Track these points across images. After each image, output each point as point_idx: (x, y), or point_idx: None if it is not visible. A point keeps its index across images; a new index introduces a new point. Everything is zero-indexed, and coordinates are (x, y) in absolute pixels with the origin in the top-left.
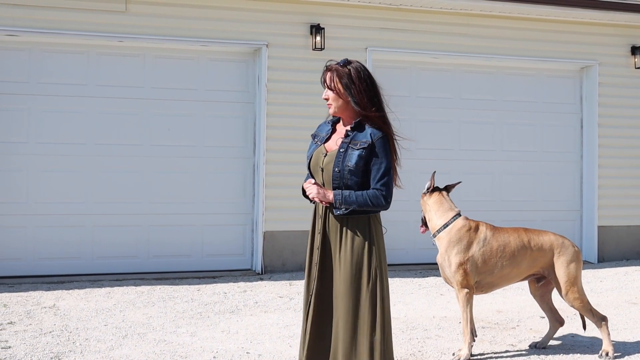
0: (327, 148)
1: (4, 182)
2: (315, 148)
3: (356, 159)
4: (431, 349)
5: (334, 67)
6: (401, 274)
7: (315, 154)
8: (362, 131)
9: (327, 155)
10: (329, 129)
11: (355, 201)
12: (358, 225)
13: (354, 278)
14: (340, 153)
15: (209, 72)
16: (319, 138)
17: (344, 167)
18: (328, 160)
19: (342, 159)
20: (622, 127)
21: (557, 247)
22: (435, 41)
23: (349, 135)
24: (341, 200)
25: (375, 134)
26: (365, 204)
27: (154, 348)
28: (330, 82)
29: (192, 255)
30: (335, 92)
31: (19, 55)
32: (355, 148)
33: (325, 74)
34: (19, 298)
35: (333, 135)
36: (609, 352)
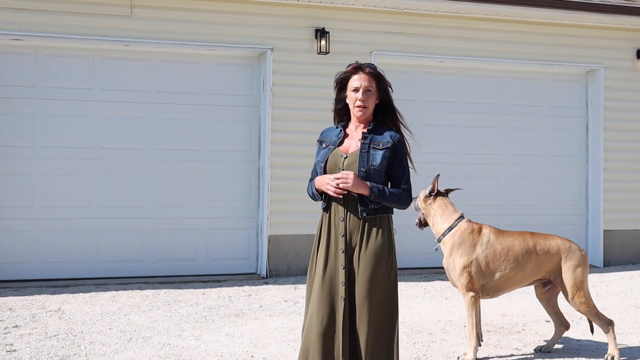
0: (344, 150)
1: (10, 186)
2: (329, 152)
3: (380, 158)
4: (436, 353)
5: (368, 70)
6: (406, 278)
7: (332, 156)
8: (379, 133)
9: (347, 157)
10: (339, 132)
11: (388, 196)
12: (379, 226)
13: (376, 279)
14: (364, 153)
15: (214, 76)
16: (330, 142)
17: (370, 166)
18: (350, 161)
19: (367, 159)
20: (628, 130)
21: (564, 252)
22: (440, 45)
23: (367, 137)
24: (377, 193)
25: (394, 135)
26: (396, 201)
27: (159, 351)
28: (370, 84)
29: (197, 259)
30: (373, 95)
31: (24, 60)
32: (378, 148)
33: (352, 77)
34: (24, 302)
35: (346, 139)
36: (614, 356)
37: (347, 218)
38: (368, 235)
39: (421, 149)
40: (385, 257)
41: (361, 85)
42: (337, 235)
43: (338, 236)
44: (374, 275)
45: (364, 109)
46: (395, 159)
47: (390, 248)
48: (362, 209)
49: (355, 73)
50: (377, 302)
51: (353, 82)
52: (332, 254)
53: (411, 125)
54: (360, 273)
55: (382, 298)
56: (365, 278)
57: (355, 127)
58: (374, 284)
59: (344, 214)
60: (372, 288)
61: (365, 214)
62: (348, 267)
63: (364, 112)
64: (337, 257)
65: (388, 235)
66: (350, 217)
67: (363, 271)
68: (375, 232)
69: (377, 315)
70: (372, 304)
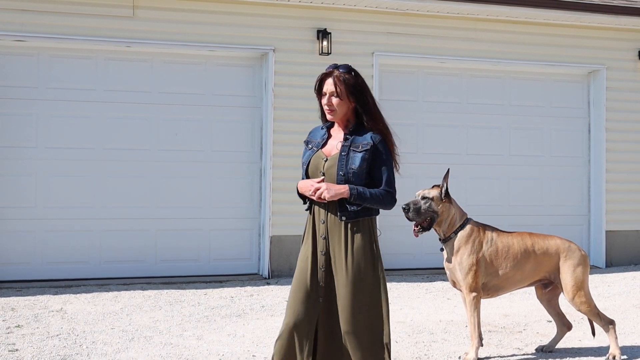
0: (326, 153)
1: (13, 186)
2: (312, 153)
3: (360, 161)
4: (437, 353)
5: (337, 73)
6: (408, 279)
7: (314, 159)
8: (361, 134)
9: (327, 159)
10: (324, 134)
11: (369, 198)
12: (360, 229)
13: (360, 282)
14: (343, 156)
15: (216, 77)
16: (314, 144)
17: (349, 169)
18: (330, 164)
19: (346, 162)
20: (630, 131)
21: (563, 251)
22: (442, 46)
23: (348, 139)
24: (356, 195)
25: (375, 136)
26: (378, 202)
27: (160, 351)
28: (337, 88)
29: (199, 260)
30: (341, 99)
31: (27, 61)
32: (357, 150)
33: (326, 80)
34: (26, 302)
35: (330, 140)
36: (616, 356)
37: (327, 220)
38: (348, 238)
39: (423, 150)
40: (368, 259)
41: (327, 90)
42: (318, 237)
43: (319, 238)
44: (355, 279)
45: (332, 112)
46: (376, 160)
47: (372, 250)
48: (342, 213)
49: (325, 78)
50: (361, 305)
51: (322, 87)
52: (314, 255)
53: (413, 127)
54: (341, 277)
55: (367, 301)
56: (346, 282)
57: (338, 128)
58: (356, 287)
59: (325, 216)
60: (354, 291)
61: (344, 217)
62: (328, 269)
63: (333, 115)
64: (318, 258)
65: (370, 238)
66: (330, 220)
67: (344, 275)
68: (357, 235)
69: (363, 319)
70: (356, 308)
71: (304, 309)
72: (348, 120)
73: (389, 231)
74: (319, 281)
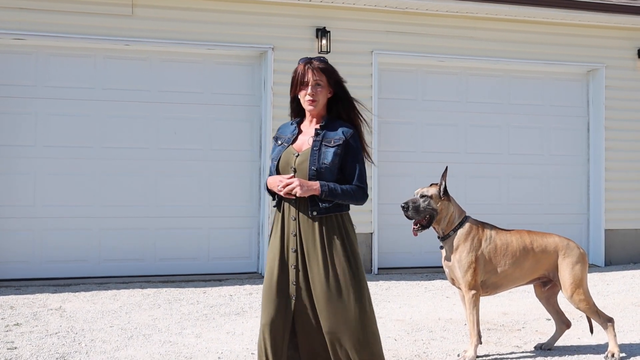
0: (297, 148)
1: (11, 185)
2: (283, 149)
3: (332, 156)
4: (436, 350)
5: (316, 64)
6: (407, 277)
7: (285, 154)
8: (332, 129)
9: (299, 155)
10: (294, 129)
11: (340, 194)
12: (333, 225)
13: (337, 280)
14: (315, 151)
15: (215, 75)
16: (284, 139)
17: (321, 165)
18: (302, 160)
19: (318, 157)
20: (629, 130)
21: (561, 249)
22: (442, 44)
23: (319, 134)
24: (327, 191)
25: (347, 131)
26: (350, 198)
27: (159, 349)
28: (319, 77)
29: (198, 258)
30: (324, 88)
31: (25, 59)
32: (329, 145)
33: (306, 71)
34: (25, 300)
35: (300, 136)
36: (614, 354)
37: (298, 217)
38: (321, 234)
39: (422, 149)
40: (343, 256)
41: (309, 79)
42: (289, 234)
43: (289, 235)
44: (332, 276)
45: (314, 102)
46: (348, 155)
47: (346, 246)
48: (313, 209)
49: (305, 68)
50: (340, 302)
51: (303, 78)
52: (284, 253)
53: (412, 125)
54: (317, 275)
55: (346, 298)
56: (323, 280)
57: (309, 123)
58: (332, 284)
59: (296, 213)
60: (330, 288)
61: (315, 213)
62: (300, 266)
63: (314, 107)
64: (289, 256)
65: (344, 233)
66: (301, 217)
67: (320, 273)
68: (330, 231)
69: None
70: (334, 305)
71: (276, 309)
72: (320, 115)
73: (387, 230)
74: (289, 280)
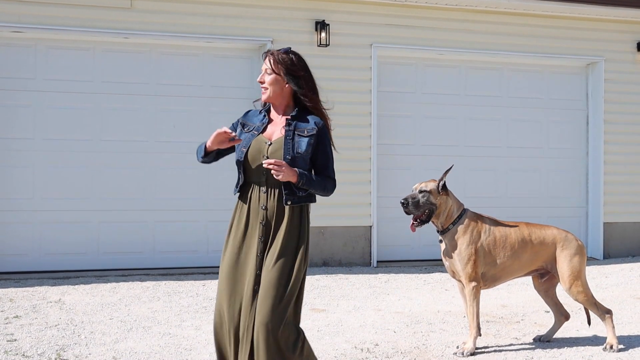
0: (268, 137)
1: (10, 178)
2: (252, 137)
3: (306, 146)
4: (435, 342)
5: (275, 52)
6: (406, 270)
7: (256, 142)
8: (303, 120)
9: (271, 144)
10: (263, 118)
11: (315, 183)
12: (300, 215)
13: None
14: (288, 140)
15: (214, 68)
16: (253, 127)
17: (295, 154)
18: (275, 148)
19: (292, 146)
20: (628, 123)
21: (560, 241)
22: (441, 37)
23: (290, 124)
24: (305, 180)
25: (319, 123)
26: (321, 188)
27: (159, 341)
28: (272, 66)
29: (197, 251)
30: (275, 76)
31: (24, 52)
32: (303, 135)
33: (267, 58)
34: (24, 293)
35: (269, 126)
36: (613, 345)
37: (268, 206)
38: (288, 223)
39: (421, 142)
40: (301, 247)
41: (264, 68)
42: (254, 223)
43: (257, 224)
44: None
45: (265, 90)
46: (319, 145)
47: (302, 235)
48: (288, 197)
49: (265, 57)
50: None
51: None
52: (247, 242)
53: (411, 118)
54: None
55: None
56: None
57: (277, 114)
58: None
59: (265, 202)
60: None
61: (290, 203)
62: (262, 255)
63: (266, 94)
64: (252, 244)
65: (304, 224)
66: (270, 206)
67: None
68: (294, 221)
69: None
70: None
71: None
72: (287, 105)
73: (386, 223)
74: (256, 270)
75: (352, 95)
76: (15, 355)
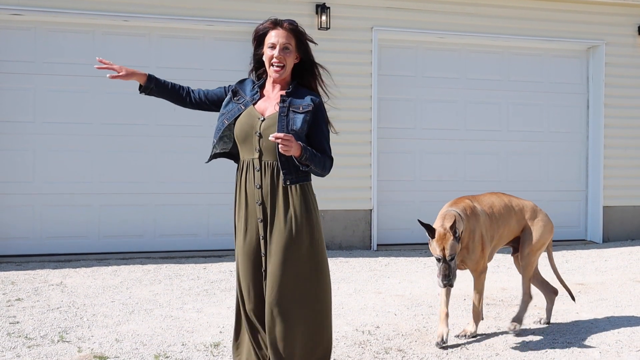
0: (260, 112)
1: (11, 161)
2: (241, 110)
3: (301, 122)
4: (436, 325)
5: (289, 24)
6: (406, 253)
7: (247, 117)
8: (299, 96)
9: (265, 119)
10: (256, 92)
11: (316, 160)
12: (299, 194)
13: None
14: (283, 117)
15: (215, 51)
16: (243, 100)
17: (290, 130)
18: (268, 124)
19: (286, 122)
20: (629, 107)
21: (537, 210)
22: (441, 21)
23: (285, 100)
24: (309, 154)
25: (316, 99)
26: (321, 166)
27: (161, 323)
28: (289, 41)
29: (198, 235)
30: (292, 53)
31: (24, 35)
32: (298, 112)
33: (272, 32)
34: (26, 276)
35: (261, 101)
36: (516, 327)
37: (263, 185)
38: (285, 204)
39: (422, 126)
40: (305, 228)
41: (278, 42)
42: (252, 203)
43: (254, 205)
44: (288, 248)
45: (281, 68)
46: (315, 122)
47: (310, 219)
48: (286, 176)
49: (273, 28)
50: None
51: (270, 39)
52: (250, 224)
53: (411, 102)
54: (275, 244)
55: (299, 272)
56: (279, 249)
57: (272, 88)
58: (288, 258)
59: (260, 181)
60: (285, 262)
61: (288, 182)
62: (267, 237)
63: (280, 73)
64: (256, 226)
65: (308, 204)
66: (265, 185)
67: (276, 244)
68: (295, 200)
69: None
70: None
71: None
72: (286, 80)
73: (387, 207)
74: (261, 251)
75: (352, 78)
76: (18, 337)
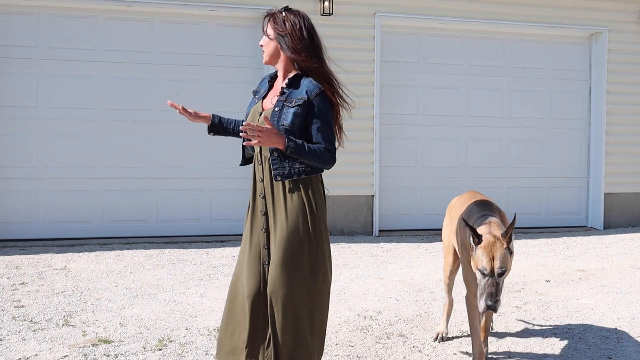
0: (264, 106)
1: (14, 146)
2: (253, 105)
3: (292, 117)
4: (437, 310)
5: (270, 13)
6: (408, 239)
7: (252, 112)
8: (298, 88)
9: (262, 114)
10: (267, 86)
11: (307, 152)
12: (299, 187)
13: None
14: (276, 112)
15: (218, 37)
16: (259, 94)
17: (280, 126)
18: (263, 120)
19: (278, 118)
20: (631, 94)
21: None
22: (444, 7)
23: (284, 93)
24: (293, 147)
25: (312, 90)
26: (317, 159)
27: (164, 308)
28: (265, 27)
29: (200, 220)
30: (267, 37)
31: (27, 20)
32: (290, 106)
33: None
34: (30, 260)
35: (270, 93)
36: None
37: (264, 178)
38: (284, 198)
39: (424, 112)
40: (306, 221)
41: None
42: (257, 196)
43: (258, 197)
44: (290, 240)
45: (263, 53)
46: (310, 115)
47: (312, 211)
48: (277, 172)
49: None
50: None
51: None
52: (255, 216)
53: (414, 88)
54: (277, 238)
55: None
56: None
57: (281, 80)
58: (290, 248)
59: (262, 174)
60: (287, 252)
61: (279, 178)
62: (268, 230)
63: (264, 57)
64: (257, 219)
65: (309, 197)
66: (267, 177)
67: (279, 236)
68: (294, 194)
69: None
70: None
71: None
72: (287, 70)
73: (388, 193)
74: (262, 244)
75: (355, 64)
76: (23, 321)
